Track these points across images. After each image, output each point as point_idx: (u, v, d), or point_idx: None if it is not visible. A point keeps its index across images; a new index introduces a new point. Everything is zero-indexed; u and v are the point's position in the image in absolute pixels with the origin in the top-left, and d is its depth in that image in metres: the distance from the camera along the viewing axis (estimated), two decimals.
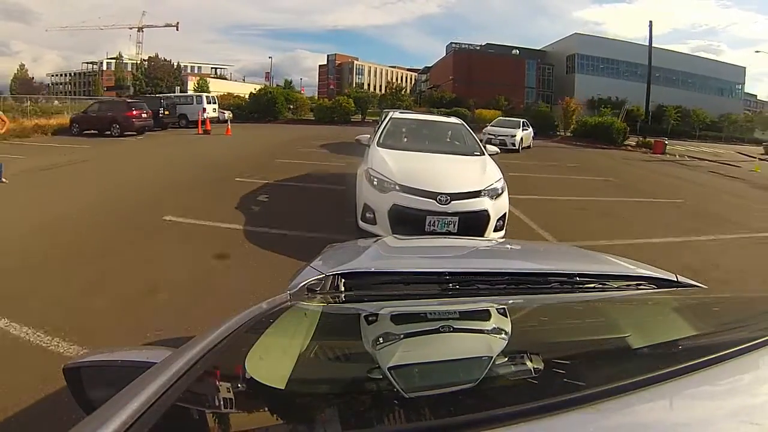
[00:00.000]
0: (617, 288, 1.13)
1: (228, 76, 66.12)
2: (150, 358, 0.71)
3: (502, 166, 5.04)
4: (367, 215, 4.27)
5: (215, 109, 22.87)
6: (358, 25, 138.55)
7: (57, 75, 68.16)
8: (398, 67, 79.45)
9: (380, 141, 5.15)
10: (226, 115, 23.35)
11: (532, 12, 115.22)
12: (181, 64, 53.17)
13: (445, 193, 4.02)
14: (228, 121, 20.48)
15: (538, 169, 12.04)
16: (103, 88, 53.81)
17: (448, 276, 1.11)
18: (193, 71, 58.61)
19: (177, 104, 21.47)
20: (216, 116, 22.02)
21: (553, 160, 14.92)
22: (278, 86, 40.25)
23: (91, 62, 65.10)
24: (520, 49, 56.48)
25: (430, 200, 4.01)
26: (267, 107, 27.64)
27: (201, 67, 64.25)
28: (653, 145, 21.71)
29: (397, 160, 4.55)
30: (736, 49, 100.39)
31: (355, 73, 73.25)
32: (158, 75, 47.75)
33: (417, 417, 0.53)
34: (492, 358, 0.67)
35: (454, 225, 4.01)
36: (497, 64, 51.00)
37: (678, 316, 0.95)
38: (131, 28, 62.09)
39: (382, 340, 0.74)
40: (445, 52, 60.35)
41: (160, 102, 19.59)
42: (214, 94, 26.56)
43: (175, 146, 13.96)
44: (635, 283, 1.16)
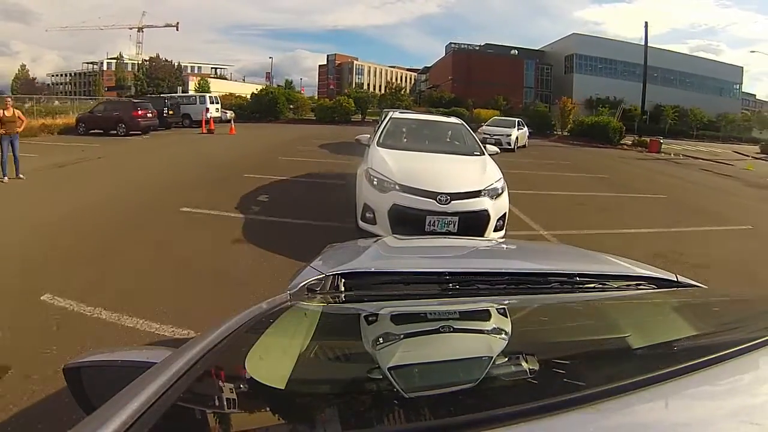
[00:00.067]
0: (617, 288, 1.13)
1: (228, 76, 66.18)
2: (150, 358, 0.71)
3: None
4: (367, 215, 4.27)
5: (218, 109, 23.06)
6: (358, 25, 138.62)
7: (57, 75, 68.19)
8: (398, 67, 79.43)
9: (380, 141, 5.14)
10: (228, 114, 23.55)
11: (532, 12, 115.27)
12: (182, 65, 53.22)
13: (445, 193, 4.02)
14: (231, 120, 20.66)
15: (533, 167, 12.24)
16: (103, 89, 53.76)
17: (448, 276, 1.11)
18: (193, 71, 58.61)
19: (181, 104, 21.71)
20: (219, 116, 22.24)
21: (548, 158, 15.12)
22: (279, 86, 40.34)
23: (92, 62, 65.21)
24: (518, 49, 56.55)
25: (430, 200, 4.00)
26: (268, 107, 27.82)
27: (201, 67, 64.26)
28: (648, 144, 21.98)
29: (397, 159, 4.55)
30: (736, 49, 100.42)
31: (355, 73, 73.24)
32: (159, 75, 47.73)
33: (417, 417, 0.53)
34: (492, 358, 0.67)
35: (454, 225, 4.00)
36: (496, 64, 51.03)
37: (678, 316, 0.95)
38: (131, 29, 62.22)
39: (382, 340, 0.74)
40: (445, 53, 60.39)
41: (165, 102, 19.85)
42: (217, 94, 26.73)
43: (181, 145, 14.20)
44: (635, 283, 1.15)
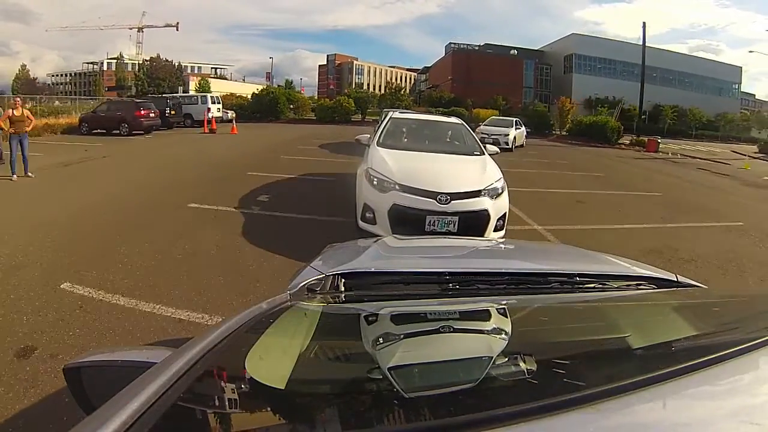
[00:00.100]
0: (617, 288, 1.13)
1: (228, 76, 66.20)
2: (150, 358, 0.71)
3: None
4: (367, 215, 4.26)
5: (219, 108, 23.23)
6: (358, 25, 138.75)
7: (57, 75, 68.22)
8: (398, 67, 79.48)
9: (380, 141, 5.14)
10: (230, 114, 23.73)
11: (532, 12, 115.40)
12: (182, 65, 53.23)
13: (445, 193, 4.01)
14: (233, 120, 20.85)
15: (531, 165, 12.36)
16: (104, 89, 53.82)
17: (448, 276, 1.11)
18: (194, 71, 58.62)
19: (183, 104, 21.90)
20: (220, 116, 22.42)
21: (545, 157, 15.25)
22: (279, 87, 40.40)
23: (92, 62, 65.23)
24: (518, 49, 56.59)
25: (430, 200, 4.00)
26: (269, 107, 27.99)
27: (201, 67, 64.31)
28: (646, 143, 22.13)
29: (397, 159, 4.54)
30: (735, 49, 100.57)
31: (355, 73, 73.26)
32: (160, 75, 47.79)
33: (417, 417, 0.53)
34: (492, 358, 0.67)
35: (454, 225, 4.00)
36: (495, 64, 51.06)
37: (678, 316, 0.95)
38: (131, 29, 62.28)
39: (382, 340, 0.74)
40: (444, 53, 60.44)
41: (167, 102, 20.03)
42: (218, 95, 26.91)
43: (184, 145, 14.35)
44: (635, 283, 1.15)
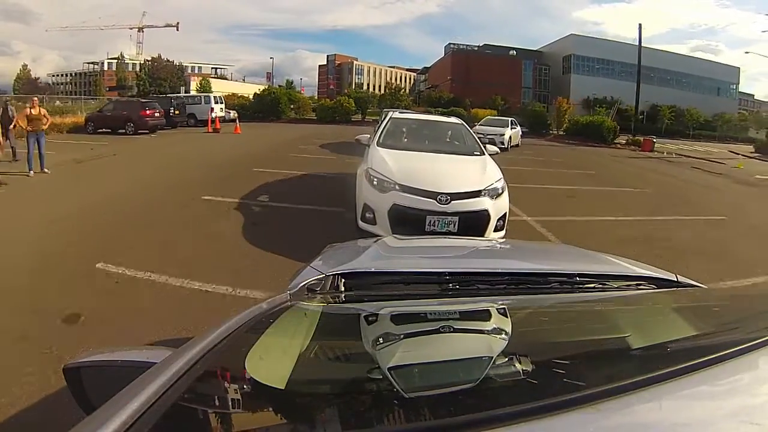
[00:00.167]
0: (617, 288, 1.13)
1: (228, 76, 66.17)
2: (150, 358, 0.71)
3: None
4: (367, 215, 4.26)
5: (222, 108, 23.52)
6: (358, 25, 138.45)
7: (57, 75, 68.14)
8: (397, 67, 79.39)
9: (380, 141, 5.14)
10: (232, 114, 23.95)
11: (532, 12, 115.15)
12: (183, 65, 53.29)
13: (445, 193, 4.01)
14: (236, 120, 21.16)
15: (526, 163, 12.56)
16: (104, 89, 53.84)
17: (448, 276, 1.10)
18: (194, 71, 58.63)
19: (186, 104, 22.24)
20: (223, 116, 22.67)
21: (541, 156, 15.49)
22: (280, 87, 40.46)
23: (92, 62, 65.19)
24: (517, 49, 56.69)
25: (430, 200, 4.00)
26: (270, 107, 28.22)
27: (201, 67, 64.25)
28: (642, 143, 22.39)
29: (397, 159, 4.54)
30: (735, 49, 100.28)
31: (355, 73, 73.17)
32: (161, 75, 47.85)
33: (417, 417, 0.53)
34: (492, 358, 0.67)
35: (455, 225, 4.00)
36: (494, 65, 51.17)
37: (678, 316, 0.95)
38: (131, 29, 62.23)
39: (382, 340, 0.74)
40: (444, 53, 60.54)
41: (171, 102, 20.40)
42: (220, 94, 27.13)
43: (190, 143, 14.57)
44: (635, 283, 1.15)
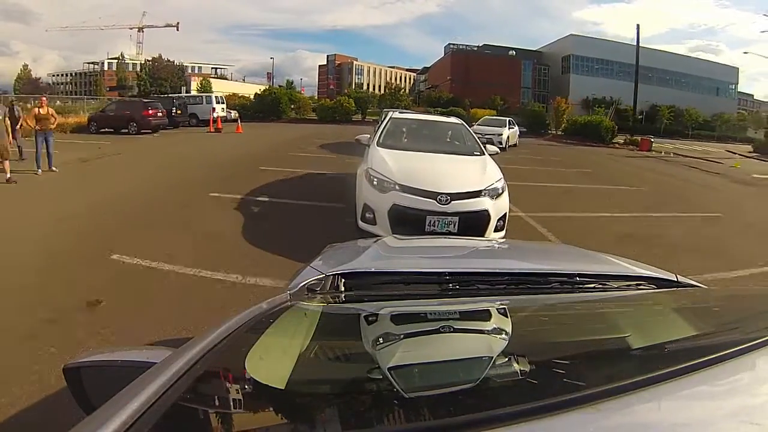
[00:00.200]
0: (617, 288, 1.13)
1: (228, 76, 66.17)
2: (150, 358, 0.71)
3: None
4: (367, 215, 4.26)
5: (223, 108, 23.71)
6: (357, 25, 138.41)
7: (58, 75, 68.11)
8: (397, 68, 79.39)
9: (380, 141, 5.14)
10: (233, 114, 24.21)
11: (531, 12, 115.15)
12: (184, 65, 53.31)
13: (446, 193, 4.01)
14: (238, 120, 21.42)
15: (523, 162, 12.68)
16: (105, 89, 53.87)
17: (448, 276, 1.10)
18: (194, 71, 58.63)
19: (188, 104, 22.48)
20: (224, 115, 22.86)
21: (538, 155, 15.62)
22: (281, 87, 40.55)
23: (92, 62, 65.19)
24: (516, 49, 56.81)
25: (431, 200, 4.00)
26: (271, 107, 28.37)
27: (201, 67, 64.24)
28: (640, 142, 22.55)
29: (397, 159, 4.54)
30: (735, 49, 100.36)
31: (355, 73, 73.16)
32: (162, 75, 47.87)
33: (417, 417, 0.53)
34: (492, 358, 0.67)
35: (455, 225, 3.99)
36: (494, 65, 51.27)
37: (678, 316, 0.94)
38: (131, 29, 62.26)
39: (382, 341, 0.74)
40: (443, 53, 60.61)
41: (173, 102, 20.62)
42: (222, 95, 27.31)
43: (194, 143, 14.69)
44: (635, 283, 1.15)
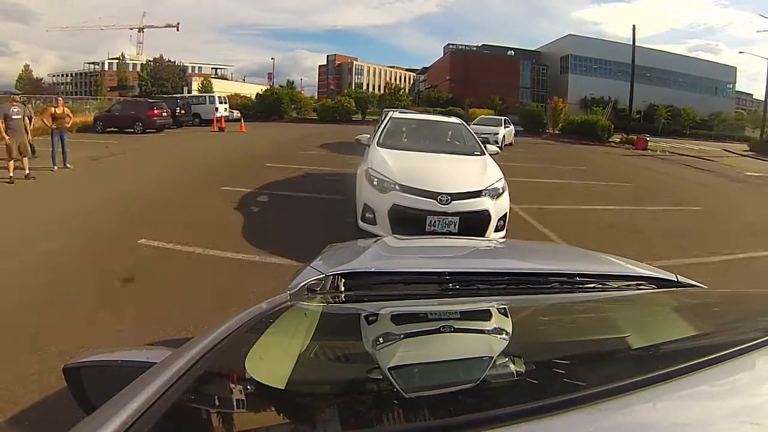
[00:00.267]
0: (617, 288, 1.13)
1: (228, 76, 66.20)
2: (150, 358, 0.71)
3: None
4: (367, 215, 4.25)
5: (226, 108, 23.95)
6: (357, 25, 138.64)
7: (58, 75, 68.14)
8: (397, 68, 79.46)
9: (380, 141, 5.13)
10: (235, 114, 24.53)
11: (531, 12, 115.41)
12: (185, 65, 53.32)
13: (446, 193, 4.00)
14: (241, 119, 21.64)
15: (519, 159, 12.82)
16: (106, 89, 53.94)
17: (448, 276, 1.10)
18: (194, 71, 58.65)
19: (191, 104, 22.78)
20: (227, 115, 23.07)
21: (534, 153, 15.80)
22: (282, 87, 40.71)
23: (93, 63, 65.24)
24: (515, 50, 56.96)
25: (431, 200, 3.99)
26: (272, 107, 28.60)
27: (201, 67, 64.29)
28: (635, 141, 22.70)
29: (398, 159, 4.53)
30: (734, 48, 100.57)
31: (355, 73, 73.20)
32: (163, 76, 47.87)
33: (417, 417, 0.53)
34: (492, 358, 0.67)
35: (455, 225, 3.99)
36: (493, 65, 51.41)
37: (678, 316, 0.94)
38: (132, 29, 62.35)
39: (382, 340, 0.74)
40: (443, 53, 60.69)
41: (177, 102, 20.87)
42: (224, 95, 27.47)
43: (199, 142, 14.89)
44: (635, 283, 1.15)
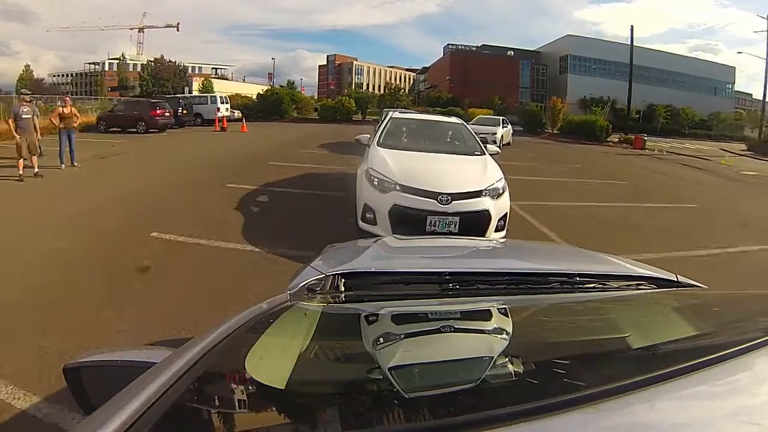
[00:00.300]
0: (617, 288, 1.13)
1: (229, 76, 66.20)
2: (150, 358, 0.71)
3: None
4: (368, 215, 4.25)
5: (228, 108, 24.05)
6: (357, 25, 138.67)
7: (58, 75, 68.11)
8: (397, 68, 79.44)
9: (380, 141, 5.12)
10: (236, 114, 24.64)
11: (531, 12, 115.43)
12: (185, 65, 53.32)
13: (446, 193, 4.00)
14: (242, 119, 21.74)
15: (517, 158, 12.94)
16: (107, 89, 53.99)
17: (448, 276, 1.10)
18: (194, 71, 58.65)
19: (193, 104, 22.86)
20: (228, 115, 23.15)
21: (532, 152, 15.96)
22: (282, 87, 40.77)
23: (93, 63, 65.27)
24: (514, 50, 57.05)
25: (431, 200, 3.99)
26: (273, 107, 28.73)
27: (201, 67, 64.27)
28: (633, 140, 22.90)
29: (398, 159, 4.53)
30: (734, 48, 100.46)
31: (355, 73, 73.18)
32: (164, 76, 47.85)
33: (417, 417, 0.53)
34: (492, 358, 0.67)
35: (455, 225, 3.99)
36: (492, 65, 51.47)
37: (678, 316, 0.94)
38: (132, 29, 62.37)
39: (382, 340, 0.74)
40: (443, 53, 60.74)
41: (179, 102, 21.00)
42: (225, 95, 27.56)
43: (201, 141, 15.00)
44: (635, 283, 1.15)
